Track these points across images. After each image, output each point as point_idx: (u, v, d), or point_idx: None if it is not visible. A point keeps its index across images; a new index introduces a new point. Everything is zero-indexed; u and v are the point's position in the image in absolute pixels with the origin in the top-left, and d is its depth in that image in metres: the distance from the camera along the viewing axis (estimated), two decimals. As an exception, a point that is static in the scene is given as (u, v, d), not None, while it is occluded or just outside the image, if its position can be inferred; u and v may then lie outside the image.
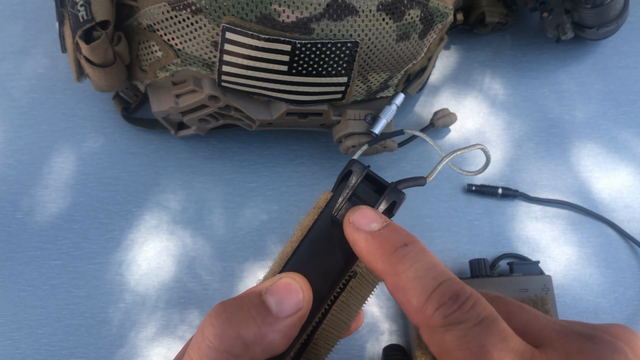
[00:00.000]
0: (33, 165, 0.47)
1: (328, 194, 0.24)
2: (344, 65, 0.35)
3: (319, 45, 0.33)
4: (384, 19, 0.34)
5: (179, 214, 0.46)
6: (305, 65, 0.35)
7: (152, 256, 0.45)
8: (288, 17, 0.32)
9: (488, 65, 0.50)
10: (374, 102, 0.42)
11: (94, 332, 0.43)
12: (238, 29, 0.32)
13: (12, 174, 0.47)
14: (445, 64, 0.50)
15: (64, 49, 0.39)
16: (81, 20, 0.34)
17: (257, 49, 0.33)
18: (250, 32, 0.32)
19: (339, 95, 0.38)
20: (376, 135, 0.40)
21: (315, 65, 0.35)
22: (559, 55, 0.50)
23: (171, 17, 0.34)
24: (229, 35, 0.33)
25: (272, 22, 0.32)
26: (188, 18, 0.33)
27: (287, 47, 0.33)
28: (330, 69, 0.35)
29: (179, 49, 0.36)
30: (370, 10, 0.33)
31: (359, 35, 0.34)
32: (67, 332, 0.43)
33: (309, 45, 0.33)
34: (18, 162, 0.47)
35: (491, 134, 0.48)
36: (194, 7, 0.33)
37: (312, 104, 0.39)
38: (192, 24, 0.34)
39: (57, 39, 0.48)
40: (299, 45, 0.33)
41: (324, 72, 0.35)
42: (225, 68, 0.35)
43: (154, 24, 0.35)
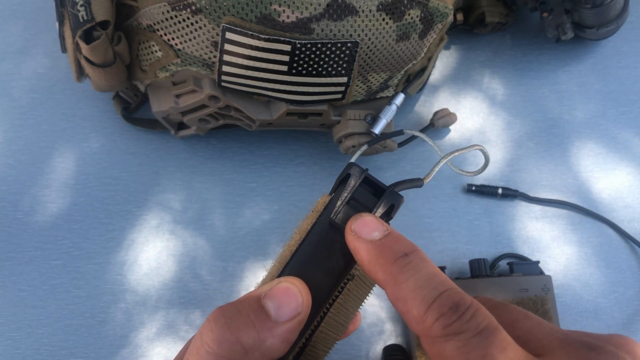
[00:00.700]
0: (33, 165, 0.47)
1: (326, 198, 0.24)
2: (344, 65, 0.35)
3: (319, 45, 0.33)
4: (384, 19, 0.34)
5: (179, 214, 0.46)
6: (305, 65, 0.35)
7: (153, 256, 0.45)
8: (288, 17, 0.32)
9: (488, 65, 0.50)
10: (374, 102, 0.42)
11: (94, 332, 0.43)
12: (238, 29, 0.32)
13: (12, 174, 0.47)
14: (445, 64, 0.50)
15: (64, 49, 0.39)
16: (81, 20, 0.34)
17: (257, 49, 0.33)
18: (250, 32, 0.32)
19: (339, 95, 0.38)
20: (376, 135, 0.40)
21: (315, 65, 0.35)
22: (559, 55, 0.50)
23: (171, 17, 0.34)
24: (229, 35, 0.33)
25: (272, 22, 0.32)
26: (188, 18, 0.33)
27: (287, 47, 0.33)
28: (330, 69, 0.35)
29: (179, 49, 0.36)
30: (370, 11, 0.33)
31: (359, 35, 0.34)
32: (67, 332, 0.43)
33: (309, 45, 0.33)
34: (18, 162, 0.47)
35: (491, 133, 0.48)
36: (194, 7, 0.33)
37: (312, 104, 0.39)
38: (192, 24, 0.34)
39: (57, 39, 0.48)
40: (299, 45, 0.33)
41: (324, 72, 0.35)
42: (225, 68, 0.35)
43: (154, 24, 0.35)
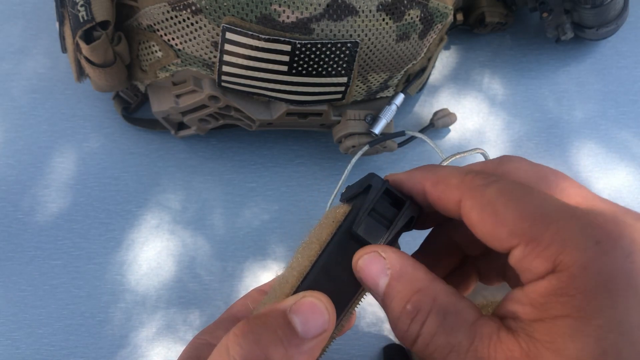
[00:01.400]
0: (33, 165, 0.47)
1: (345, 207, 0.24)
2: (344, 65, 0.35)
3: (319, 46, 0.33)
4: (383, 19, 0.34)
5: (179, 214, 0.46)
6: (305, 66, 0.35)
7: (152, 256, 0.45)
8: (288, 17, 0.32)
9: (488, 65, 0.50)
10: (374, 102, 0.42)
11: (94, 332, 0.43)
12: (238, 29, 0.32)
13: (12, 174, 0.47)
14: (445, 64, 0.50)
15: (64, 49, 0.39)
16: (81, 20, 0.34)
17: (257, 49, 0.33)
18: (250, 32, 0.32)
19: (339, 96, 0.38)
20: (376, 135, 0.40)
21: (315, 66, 0.35)
22: (559, 56, 0.50)
23: (171, 18, 0.34)
24: (229, 35, 0.33)
25: (272, 22, 0.32)
26: (188, 18, 0.33)
27: (287, 47, 0.33)
28: (330, 69, 0.35)
29: (179, 49, 0.36)
30: (370, 11, 0.33)
31: (359, 36, 0.34)
32: (67, 332, 0.43)
33: (309, 46, 0.33)
34: (18, 162, 0.47)
35: (491, 134, 0.48)
36: (194, 8, 0.33)
37: (312, 104, 0.39)
38: (192, 24, 0.34)
39: (57, 39, 0.48)
40: (299, 46, 0.33)
41: (324, 72, 0.35)
42: (225, 68, 0.35)
43: (154, 24, 0.35)
